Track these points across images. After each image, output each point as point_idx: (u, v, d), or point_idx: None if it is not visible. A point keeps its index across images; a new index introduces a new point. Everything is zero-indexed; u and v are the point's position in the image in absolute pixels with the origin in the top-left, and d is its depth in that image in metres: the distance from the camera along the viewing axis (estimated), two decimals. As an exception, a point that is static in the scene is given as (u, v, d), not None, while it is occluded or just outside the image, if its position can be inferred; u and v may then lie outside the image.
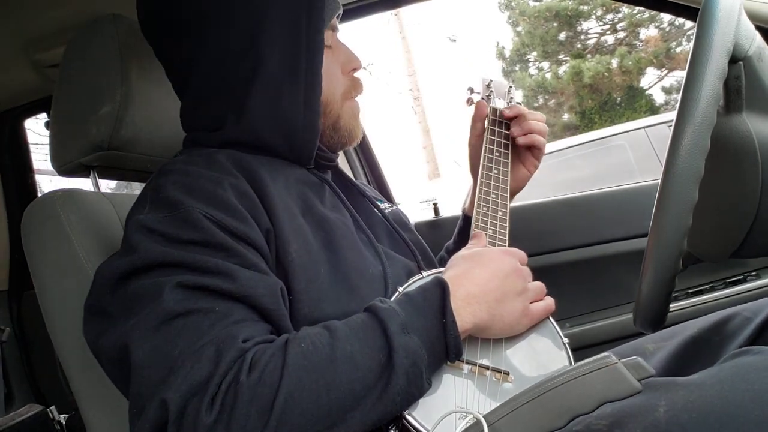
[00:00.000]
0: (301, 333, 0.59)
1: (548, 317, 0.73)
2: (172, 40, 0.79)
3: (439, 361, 0.62)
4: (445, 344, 0.61)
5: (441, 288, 0.64)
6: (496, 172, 0.91)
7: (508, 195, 0.89)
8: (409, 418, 0.59)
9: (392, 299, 0.66)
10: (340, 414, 0.54)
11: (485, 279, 0.67)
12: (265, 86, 0.75)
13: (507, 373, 0.65)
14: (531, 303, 0.70)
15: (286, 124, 0.77)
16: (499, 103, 1.00)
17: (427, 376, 0.59)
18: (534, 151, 0.96)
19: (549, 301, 0.72)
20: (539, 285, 0.73)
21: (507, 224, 0.85)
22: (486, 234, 0.81)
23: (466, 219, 1.03)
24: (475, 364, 0.65)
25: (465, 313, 0.63)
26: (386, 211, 0.91)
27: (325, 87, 0.78)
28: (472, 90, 1.02)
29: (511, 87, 1.04)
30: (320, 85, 0.77)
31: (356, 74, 0.87)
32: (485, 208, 0.85)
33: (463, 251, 0.75)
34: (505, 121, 0.97)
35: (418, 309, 0.62)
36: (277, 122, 0.77)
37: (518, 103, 1.01)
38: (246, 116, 0.76)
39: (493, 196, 0.88)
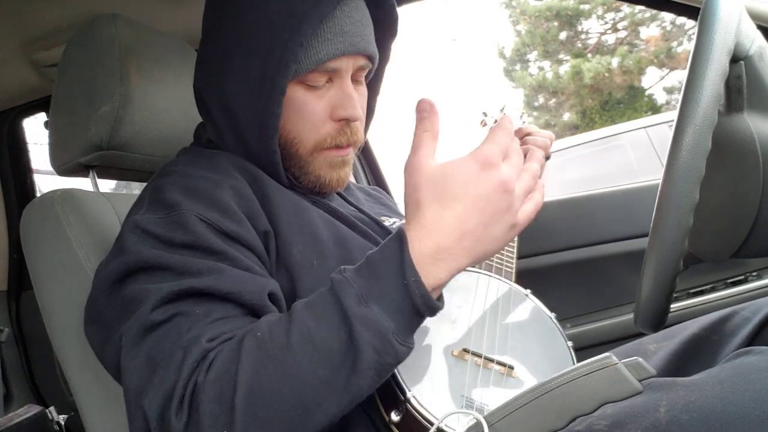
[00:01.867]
0: (261, 321, 0.57)
1: (552, 318, 0.73)
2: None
3: (411, 323, 0.56)
4: (412, 305, 0.54)
5: (398, 242, 0.55)
6: None
7: None
8: (414, 402, 0.59)
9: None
10: (310, 399, 0.52)
11: (458, 221, 0.54)
12: (231, 115, 0.76)
13: (512, 368, 0.66)
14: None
15: (251, 153, 0.77)
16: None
17: (401, 340, 0.54)
18: None
19: (537, 205, 0.59)
20: (527, 181, 0.58)
21: (515, 241, 0.86)
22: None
23: None
24: (480, 356, 0.66)
25: (436, 270, 0.54)
26: (395, 225, 0.91)
27: (295, 127, 0.75)
28: (485, 114, 1.07)
29: (523, 113, 1.09)
30: (276, 126, 0.73)
31: (352, 125, 0.76)
32: None
33: (427, 169, 0.56)
34: None
35: (376, 273, 0.55)
36: (244, 150, 0.77)
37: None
38: (228, 135, 0.79)
39: None
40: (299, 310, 0.56)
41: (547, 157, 0.99)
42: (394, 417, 0.59)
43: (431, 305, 0.55)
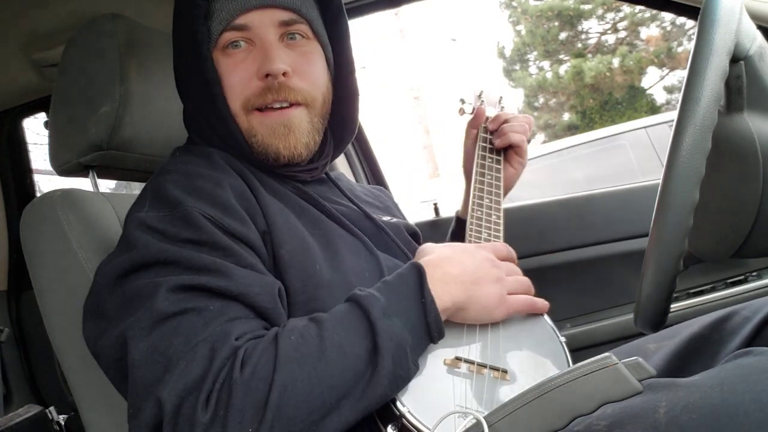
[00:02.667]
0: (289, 325, 0.59)
1: (544, 316, 0.73)
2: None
3: (422, 342, 0.63)
4: (426, 324, 0.62)
5: (417, 271, 0.65)
6: (489, 177, 0.93)
7: (502, 199, 0.91)
8: (408, 416, 0.58)
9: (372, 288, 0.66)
10: (333, 402, 0.54)
11: (460, 262, 0.69)
12: (193, 100, 0.80)
13: (505, 371, 0.65)
14: (510, 294, 0.71)
15: (220, 136, 0.78)
16: (491, 112, 1.02)
17: (413, 357, 0.60)
18: (516, 149, 0.97)
19: (534, 299, 0.73)
20: (522, 280, 0.74)
21: (501, 228, 0.86)
22: (481, 238, 0.82)
23: (459, 221, 1.04)
24: (473, 363, 0.65)
25: (442, 293, 0.64)
26: (391, 221, 0.91)
27: (228, 99, 0.76)
28: (463, 101, 1.04)
29: (502, 97, 1.06)
30: (217, 95, 0.75)
31: (282, 82, 0.75)
32: (479, 212, 0.87)
33: (437, 244, 0.75)
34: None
35: (396, 293, 0.63)
36: (217, 134, 0.79)
37: (504, 109, 1.03)
38: (198, 130, 0.81)
39: (487, 200, 0.89)
40: (327, 320, 0.60)
41: (528, 141, 0.98)
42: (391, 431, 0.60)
43: (439, 327, 0.63)
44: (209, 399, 0.52)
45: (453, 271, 0.67)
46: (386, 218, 0.93)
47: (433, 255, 0.70)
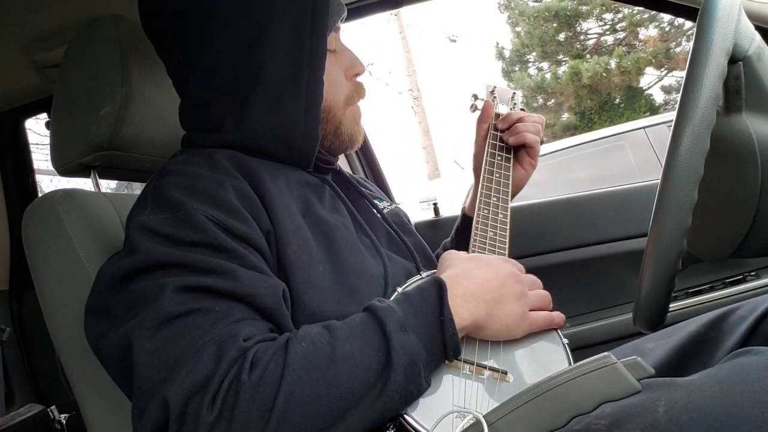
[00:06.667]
0: (302, 332, 0.59)
1: None
2: (172, 40, 0.78)
3: (437, 359, 0.62)
4: (443, 342, 0.61)
5: (438, 286, 0.64)
6: (497, 175, 0.92)
7: (509, 198, 0.90)
8: (407, 417, 0.59)
9: (390, 299, 0.66)
10: (340, 412, 0.54)
11: (483, 279, 0.68)
12: (265, 92, 0.74)
13: (505, 373, 0.65)
14: (532, 310, 0.70)
15: (285, 130, 0.76)
16: (503, 110, 1.01)
17: (426, 374, 0.60)
18: (528, 150, 0.97)
19: (554, 314, 0.72)
20: (544, 295, 0.73)
21: (507, 227, 0.85)
22: (486, 236, 0.82)
23: (465, 218, 1.04)
24: (473, 364, 0.65)
25: (462, 311, 0.64)
26: (385, 210, 0.91)
27: (327, 93, 0.77)
28: (476, 97, 1.03)
29: (515, 93, 1.05)
30: (321, 92, 0.75)
31: (359, 78, 0.85)
32: (486, 211, 0.86)
33: (461, 254, 0.75)
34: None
35: (415, 307, 0.62)
36: (277, 129, 0.75)
37: (522, 109, 1.02)
38: (245, 121, 0.75)
39: (494, 199, 0.89)
40: (340, 328, 0.59)
41: (542, 141, 0.97)
42: None
43: (456, 346, 0.62)
44: (215, 399, 0.52)
45: (475, 289, 0.66)
46: (382, 203, 0.93)
47: (456, 270, 0.70)
